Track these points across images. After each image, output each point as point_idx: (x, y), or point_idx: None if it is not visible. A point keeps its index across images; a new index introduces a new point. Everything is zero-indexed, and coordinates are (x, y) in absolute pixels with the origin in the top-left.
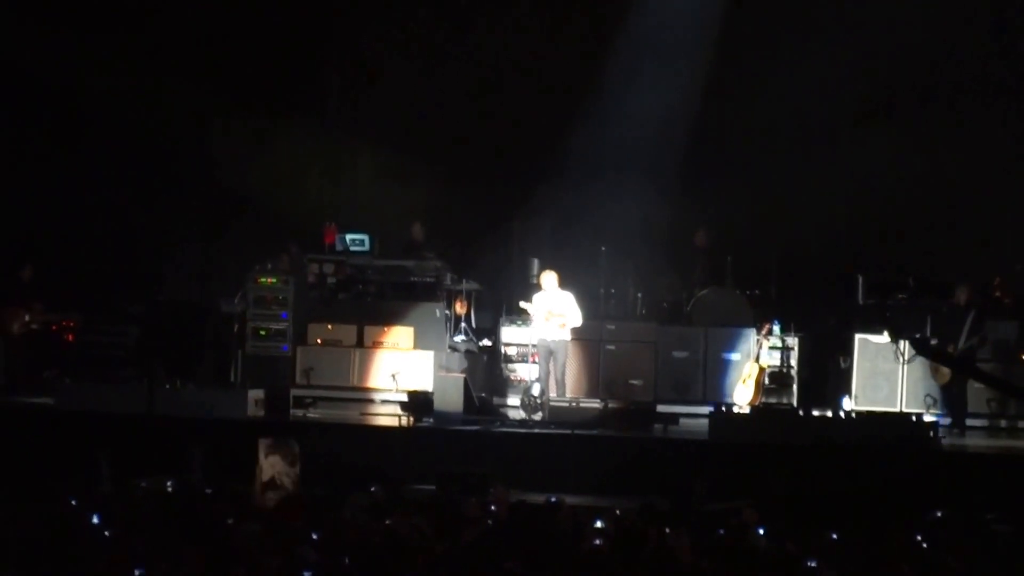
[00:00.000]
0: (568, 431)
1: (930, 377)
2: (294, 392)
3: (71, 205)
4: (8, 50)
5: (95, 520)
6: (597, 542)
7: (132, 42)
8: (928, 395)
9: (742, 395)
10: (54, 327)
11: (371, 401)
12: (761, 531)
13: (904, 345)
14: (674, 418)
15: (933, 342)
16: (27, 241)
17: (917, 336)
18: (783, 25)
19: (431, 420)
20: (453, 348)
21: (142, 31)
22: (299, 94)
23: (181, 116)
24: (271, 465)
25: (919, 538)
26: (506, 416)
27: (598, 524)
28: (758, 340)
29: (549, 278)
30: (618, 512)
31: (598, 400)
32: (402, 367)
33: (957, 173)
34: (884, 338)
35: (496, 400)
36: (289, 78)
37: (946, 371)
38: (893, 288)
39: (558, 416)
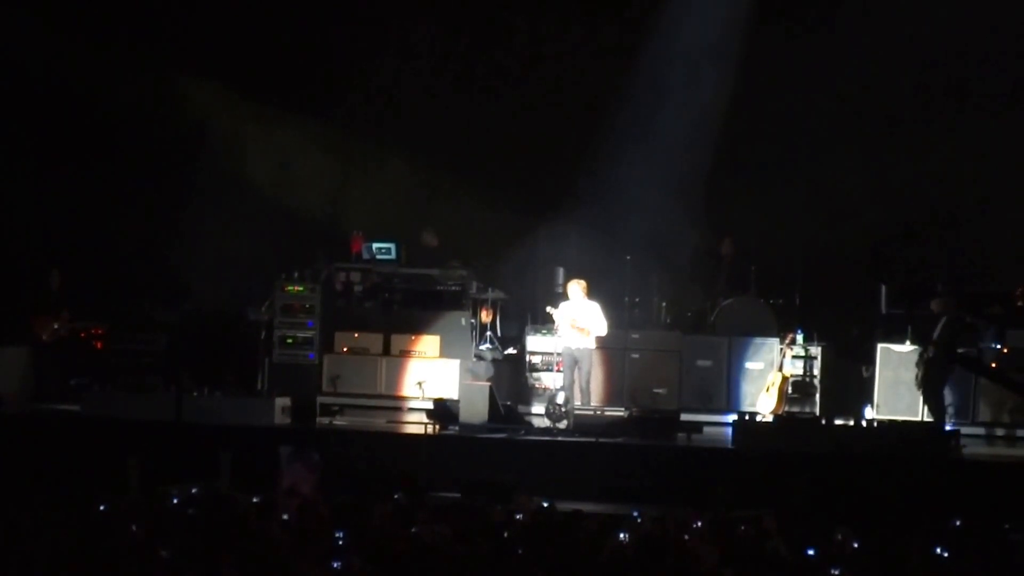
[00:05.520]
0: (592, 439)
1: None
2: (321, 400)
3: (99, 213)
4: (35, 59)
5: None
6: (620, 549)
7: (162, 52)
8: (949, 404)
9: (765, 404)
10: (83, 335)
11: (397, 409)
12: (782, 539)
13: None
14: (698, 426)
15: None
16: (55, 249)
17: (945, 344)
18: (806, 36)
19: (456, 428)
20: (479, 356)
21: (172, 41)
22: (327, 104)
23: (210, 125)
24: (292, 472)
25: (938, 547)
26: (531, 424)
27: (622, 536)
28: (781, 349)
29: (576, 288)
30: (639, 520)
31: (622, 408)
32: (428, 375)
33: (982, 182)
34: (906, 347)
35: (521, 408)
36: (318, 88)
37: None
38: (920, 295)
39: (582, 424)
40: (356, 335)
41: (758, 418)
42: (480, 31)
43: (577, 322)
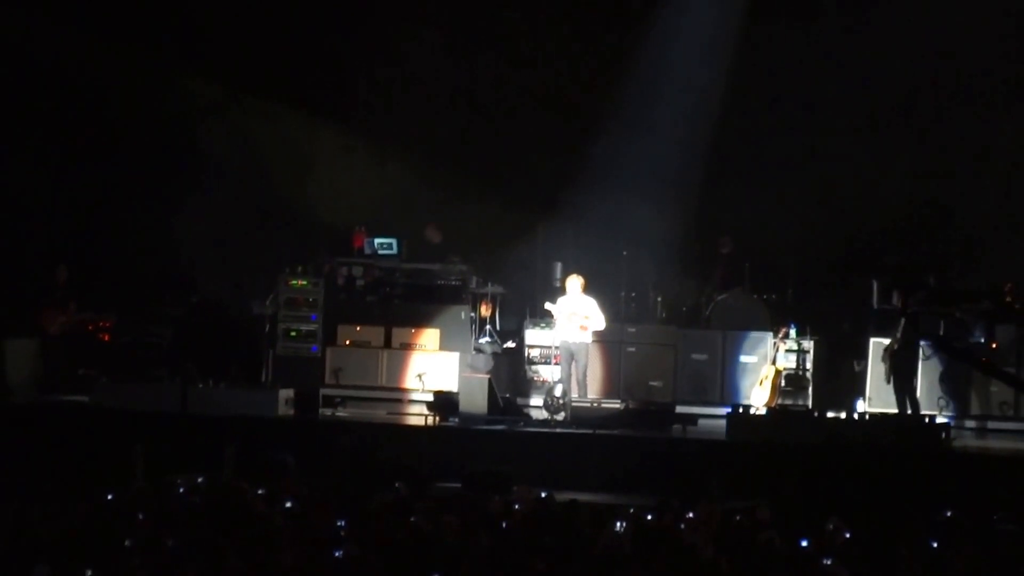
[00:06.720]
0: (589, 431)
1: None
2: (323, 392)
3: (106, 208)
4: (44, 56)
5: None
6: (617, 539)
7: (169, 49)
8: (941, 397)
9: (759, 397)
10: (90, 327)
11: (398, 401)
12: (776, 529)
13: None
14: (692, 419)
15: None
16: (62, 243)
17: (939, 335)
18: (800, 35)
19: (456, 420)
20: (478, 350)
21: (179, 39)
22: (329, 99)
23: (215, 122)
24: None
25: (929, 537)
26: (529, 416)
27: (618, 525)
28: (775, 343)
29: (574, 282)
30: (635, 510)
31: (619, 401)
32: (428, 368)
33: (973, 179)
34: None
35: (520, 400)
36: (320, 84)
37: None
38: (914, 287)
39: (580, 416)
40: (358, 328)
41: (752, 411)
42: (481, 31)
43: (575, 316)
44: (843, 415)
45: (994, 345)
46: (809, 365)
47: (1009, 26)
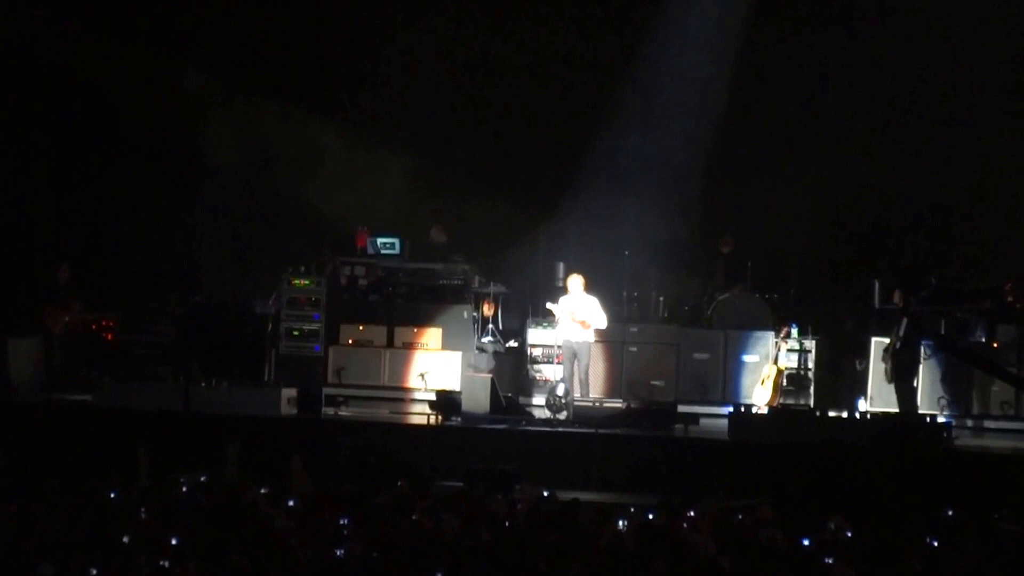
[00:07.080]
0: (591, 430)
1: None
2: (326, 391)
3: (109, 207)
4: (46, 56)
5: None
6: (619, 538)
7: (171, 48)
8: (941, 396)
9: (760, 396)
10: (93, 326)
11: (401, 400)
12: (777, 528)
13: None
14: (694, 418)
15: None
16: (65, 242)
17: (941, 334)
18: (801, 38)
19: (459, 419)
20: (480, 349)
21: (181, 38)
22: (334, 101)
23: (218, 121)
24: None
25: (930, 536)
26: (532, 415)
27: (620, 524)
28: (776, 343)
29: (575, 281)
30: (633, 509)
31: (621, 400)
32: (431, 367)
33: (974, 179)
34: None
35: (522, 399)
36: (325, 86)
37: None
38: (916, 287)
39: (582, 415)
40: (361, 328)
41: (754, 410)
42: (483, 31)
43: (576, 315)
44: (844, 414)
45: (995, 344)
46: (811, 364)
47: (1010, 28)
